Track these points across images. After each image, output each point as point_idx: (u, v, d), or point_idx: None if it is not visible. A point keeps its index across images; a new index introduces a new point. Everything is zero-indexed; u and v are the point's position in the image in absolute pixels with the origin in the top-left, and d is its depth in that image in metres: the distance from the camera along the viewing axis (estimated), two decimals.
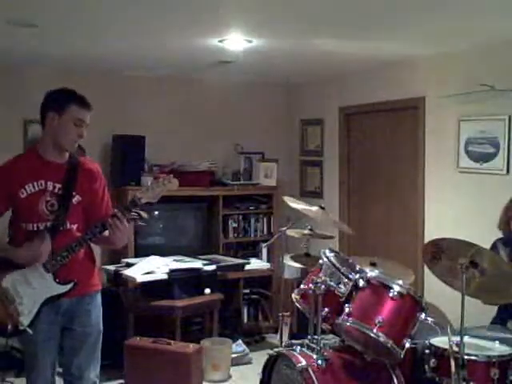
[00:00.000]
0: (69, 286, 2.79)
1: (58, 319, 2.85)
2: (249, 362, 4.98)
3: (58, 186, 2.81)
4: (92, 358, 2.97)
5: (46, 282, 2.75)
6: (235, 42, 4.11)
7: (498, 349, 3.01)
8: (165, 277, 4.71)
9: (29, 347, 2.85)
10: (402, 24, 3.72)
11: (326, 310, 3.20)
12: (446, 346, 2.86)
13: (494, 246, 3.58)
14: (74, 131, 2.80)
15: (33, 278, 2.73)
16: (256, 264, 5.59)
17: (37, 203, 2.77)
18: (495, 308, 3.58)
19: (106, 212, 2.93)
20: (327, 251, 3.45)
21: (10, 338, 2.96)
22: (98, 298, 3.00)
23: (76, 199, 2.85)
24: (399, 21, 3.64)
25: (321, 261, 3.42)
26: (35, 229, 2.77)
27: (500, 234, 3.67)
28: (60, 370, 3.04)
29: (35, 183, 2.78)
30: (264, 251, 5.79)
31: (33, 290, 2.74)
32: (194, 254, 5.31)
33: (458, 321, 2.85)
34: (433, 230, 4.59)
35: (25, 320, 2.72)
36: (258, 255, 5.86)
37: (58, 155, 2.85)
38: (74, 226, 2.85)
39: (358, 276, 3.19)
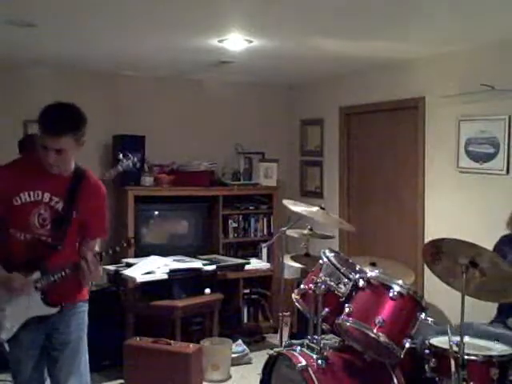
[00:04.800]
0: (55, 310, 2.70)
1: (42, 326, 2.75)
2: (249, 362, 4.98)
3: (56, 199, 2.69)
4: (73, 368, 2.81)
5: (34, 300, 2.64)
6: (235, 42, 4.11)
7: (497, 349, 3.01)
8: (165, 277, 4.71)
9: (12, 353, 2.72)
10: (402, 24, 3.72)
11: (326, 310, 3.20)
12: (446, 346, 2.86)
13: (501, 243, 3.56)
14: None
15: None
16: (256, 264, 5.59)
17: (28, 214, 2.65)
18: (495, 307, 3.58)
19: (96, 233, 2.85)
20: (327, 251, 3.45)
21: None
22: (81, 306, 2.87)
23: (75, 216, 2.72)
24: (399, 21, 3.64)
25: (321, 261, 3.42)
26: (22, 238, 2.66)
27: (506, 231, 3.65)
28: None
29: (31, 193, 2.65)
30: (264, 251, 5.79)
31: (18, 305, 2.63)
32: (193, 254, 5.31)
33: (458, 320, 2.86)
34: (433, 230, 4.59)
35: (4, 335, 2.62)
36: (258, 255, 5.86)
37: None
38: (70, 248, 2.74)
39: (357, 276, 3.19)
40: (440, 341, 3.03)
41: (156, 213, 5.50)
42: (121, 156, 4.63)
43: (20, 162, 2.82)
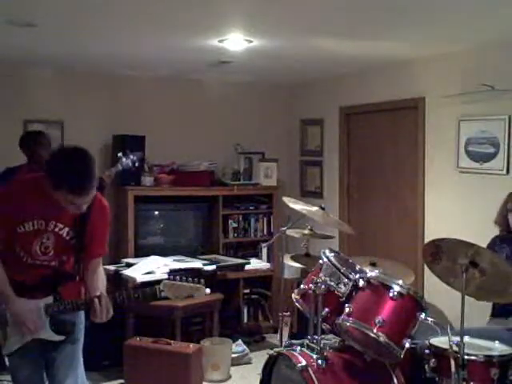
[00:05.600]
0: (61, 338, 2.71)
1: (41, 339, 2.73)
2: (249, 362, 4.97)
3: (61, 225, 2.65)
4: (70, 369, 2.80)
5: (42, 324, 2.64)
6: (235, 41, 4.11)
7: (497, 349, 3.00)
8: (165, 277, 4.67)
9: (11, 361, 2.71)
10: (402, 24, 3.72)
11: (326, 310, 3.19)
12: (446, 346, 2.86)
13: (492, 244, 3.57)
14: (69, 207, 2.55)
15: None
16: (256, 264, 5.59)
17: (31, 243, 2.63)
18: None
19: (99, 253, 2.82)
20: (327, 251, 3.44)
21: None
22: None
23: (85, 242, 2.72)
24: (399, 21, 3.64)
25: (321, 261, 3.41)
26: (24, 259, 2.65)
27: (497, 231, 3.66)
28: None
29: (35, 222, 2.61)
30: (264, 251, 5.79)
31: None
32: (194, 254, 5.31)
33: (458, 321, 2.85)
34: (433, 230, 4.59)
35: (6, 350, 2.63)
36: (258, 255, 5.86)
37: None
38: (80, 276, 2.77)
39: (358, 276, 3.18)
40: (440, 341, 3.02)
41: (156, 213, 5.51)
42: (121, 154, 4.57)
43: (26, 184, 2.71)
